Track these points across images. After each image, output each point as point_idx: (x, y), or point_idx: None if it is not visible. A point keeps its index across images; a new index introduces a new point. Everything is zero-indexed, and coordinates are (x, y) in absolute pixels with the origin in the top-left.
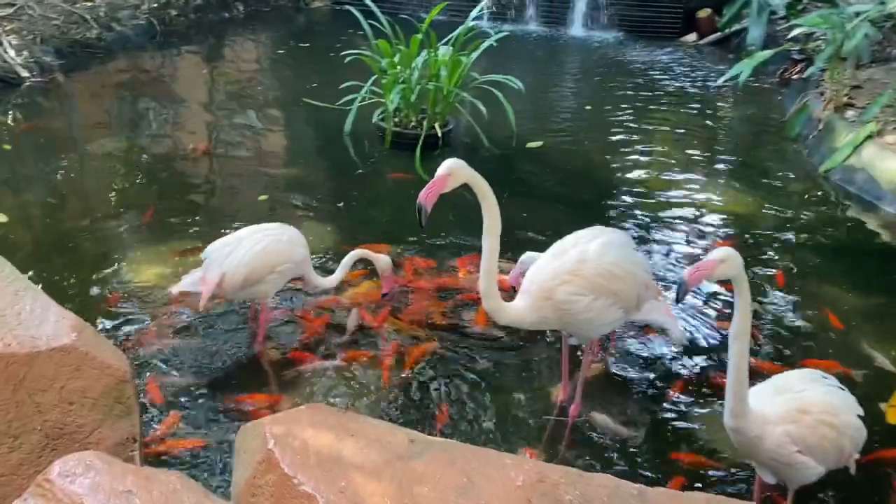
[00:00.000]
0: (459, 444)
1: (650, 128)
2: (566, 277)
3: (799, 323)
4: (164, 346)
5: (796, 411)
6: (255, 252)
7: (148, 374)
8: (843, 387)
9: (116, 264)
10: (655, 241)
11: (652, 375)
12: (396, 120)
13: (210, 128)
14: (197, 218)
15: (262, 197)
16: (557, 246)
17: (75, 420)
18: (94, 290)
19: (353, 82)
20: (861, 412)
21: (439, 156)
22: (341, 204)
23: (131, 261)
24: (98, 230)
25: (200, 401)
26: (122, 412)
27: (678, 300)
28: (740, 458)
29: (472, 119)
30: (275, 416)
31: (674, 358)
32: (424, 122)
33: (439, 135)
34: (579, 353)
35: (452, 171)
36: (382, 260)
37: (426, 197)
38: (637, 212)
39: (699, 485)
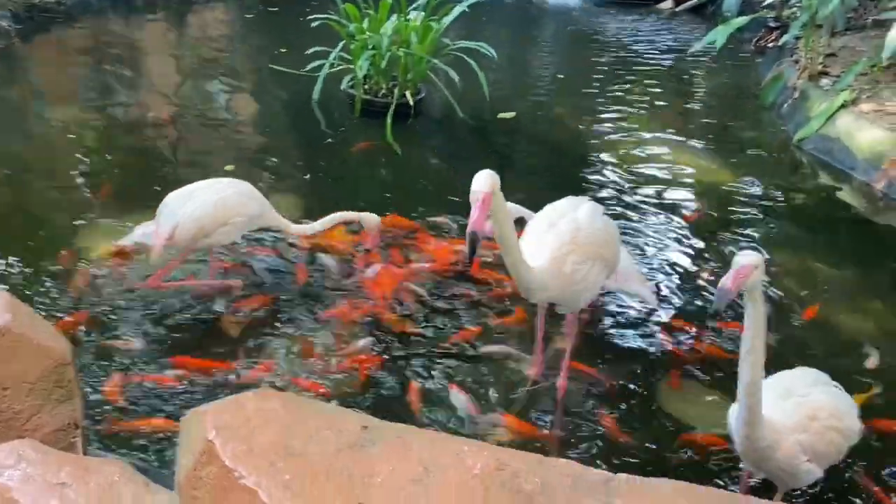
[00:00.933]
0: (415, 429)
1: (624, 97)
2: (571, 247)
3: (768, 294)
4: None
5: (806, 419)
6: (207, 205)
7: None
8: (838, 385)
9: (73, 236)
10: (630, 212)
11: (628, 343)
12: (366, 87)
13: (174, 95)
14: (157, 188)
15: (229, 166)
16: (540, 220)
17: (11, 406)
18: (46, 265)
19: (322, 48)
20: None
21: (411, 125)
22: (308, 176)
23: (89, 232)
24: (55, 201)
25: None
26: (62, 397)
27: (718, 311)
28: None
29: (445, 87)
30: (218, 402)
31: (647, 325)
32: (395, 90)
33: (411, 103)
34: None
35: (495, 186)
36: (370, 217)
37: (478, 223)
38: (611, 182)
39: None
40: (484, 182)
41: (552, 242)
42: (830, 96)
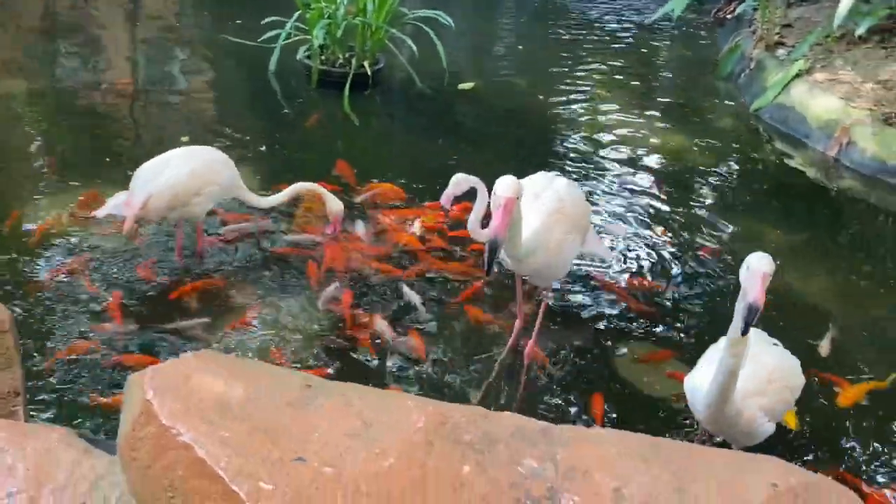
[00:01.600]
0: (360, 386)
1: (585, 67)
2: (557, 216)
3: (725, 259)
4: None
5: (765, 382)
6: (180, 174)
7: None
8: (777, 342)
9: (22, 209)
10: (591, 180)
11: (585, 307)
12: (323, 57)
13: (128, 66)
14: (108, 159)
15: (184, 138)
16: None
17: None
18: None
19: (277, 18)
20: None
21: (369, 95)
22: (264, 147)
23: (39, 205)
24: (2, 173)
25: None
26: (1, 365)
27: (747, 329)
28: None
29: (403, 57)
30: (157, 365)
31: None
32: (353, 60)
33: (369, 73)
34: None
35: (519, 192)
36: (335, 203)
37: (500, 229)
38: (572, 152)
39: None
40: (508, 187)
41: (539, 213)
42: (786, 66)
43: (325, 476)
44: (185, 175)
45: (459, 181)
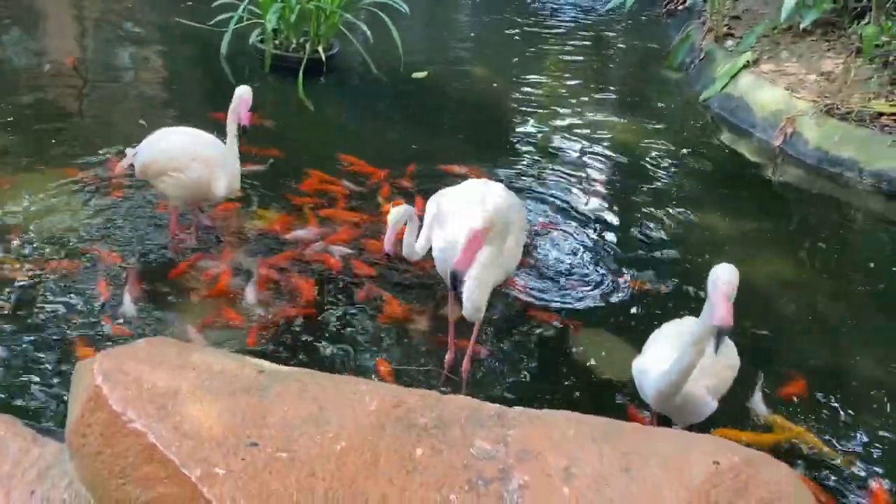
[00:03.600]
0: (314, 372)
1: (539, 56)
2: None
3: (673, 248)
4: None
5: (710, 363)
6: (156, 150)
7: None
8: None
9: None
10: (544, 169)
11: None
12: (277, 42)
13: (77, 50)
14: (54, 141)
15: (142, 121)
16: (461, 202)
17: None
18: None
19: (229, 0)
20: None
21: (324, 82)
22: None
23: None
24: None
25: None
26: None
27: (719, 345)
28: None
29: (359, 43)
30: (107, 350)
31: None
32: (307, 45)
33: (323, 59)
34: None
35: (493, 220)
36: (240, 89)
37: (466, 262)
38: (524, 140)
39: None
40: (488, 219)
41: (486, 219)
42: (733, 57)
43: (279, 461)
44: (157, 152)
45: (398, 218)
